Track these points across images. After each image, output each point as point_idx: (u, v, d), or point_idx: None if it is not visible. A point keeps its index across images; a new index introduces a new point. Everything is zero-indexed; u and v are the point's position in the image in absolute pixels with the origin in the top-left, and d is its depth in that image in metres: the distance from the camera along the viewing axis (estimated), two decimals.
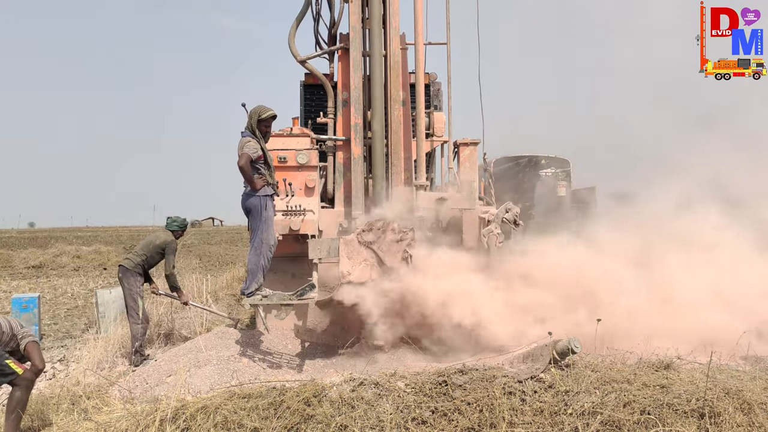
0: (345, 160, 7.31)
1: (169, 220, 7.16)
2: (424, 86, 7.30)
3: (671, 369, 4.38)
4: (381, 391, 3.99)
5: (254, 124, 5.87)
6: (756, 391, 3.91)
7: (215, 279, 12.62)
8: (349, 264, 6.16)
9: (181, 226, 7.14)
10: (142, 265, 6.84)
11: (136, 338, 6.62)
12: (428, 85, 8.35)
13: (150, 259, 6.92)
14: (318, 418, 3.75)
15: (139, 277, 6.83)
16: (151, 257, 6.91)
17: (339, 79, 7.52)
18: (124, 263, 6.86)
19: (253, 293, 5.91)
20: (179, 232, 7.13)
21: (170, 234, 7.03)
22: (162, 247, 6.92)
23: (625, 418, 3.58)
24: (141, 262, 6.82)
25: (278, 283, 6.74)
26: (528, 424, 3.63)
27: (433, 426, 3.67)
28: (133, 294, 6.71)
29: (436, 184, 8.35)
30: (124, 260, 6.95)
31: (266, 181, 5.89)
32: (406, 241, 6.20)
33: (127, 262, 6.83)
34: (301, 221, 6.59)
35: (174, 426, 3.81)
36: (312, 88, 8.33)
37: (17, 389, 4.29)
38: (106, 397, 5.25)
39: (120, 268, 6.91)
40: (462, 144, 7.68)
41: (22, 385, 4.30)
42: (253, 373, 5.77)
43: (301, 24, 7.57)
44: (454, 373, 4.15)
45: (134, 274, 6.78)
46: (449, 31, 7.54)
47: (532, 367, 4.21)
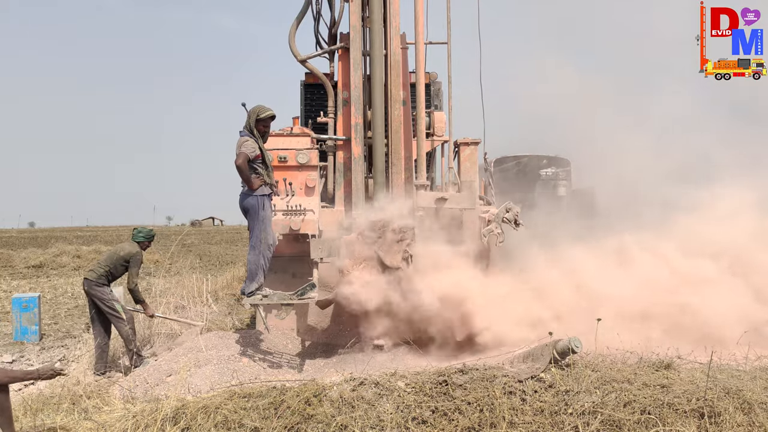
0: (345, 159, 7.31)
1: (135, 231, 7.02)
2: (424, 86, 7.29)
3: (671, 369, 4.39)
4: (381, 391, 3.99)
5: (252, 124, 5.86)
6: (756, 390, 3.91)
7: (215, 279, 12.63)
8: (350, 264, 6.16)
9: (147, 236, 6.96)
10: (106, 276, 6.69)
11: (130, 340, 6.61)
12: (429, 84, 8.34)
13: (114, 271, 6.75)
14: (318, 417, 3.75)
15: (105, 287, 6.68)
16: (114, 269, 6.75)
17: (339, 78, 7.52)
18: (88, 275, 6.71)
19: (253, 293, 5.91)
20: (145, 242, 6.95)
21: (136, 245, 6.85)
22: (126, 258, 6.75)
23: (626, 418, 3.58)
24: (104, 273, 6.67)
25: (278, 282, 6.73)
26: (528, 423, 3.63)
27: (433, 426, 3.68)
28: (107, 302, 6.60)
29: (437, 183, 8.34)
30: (88, 272, 6.79)
31: (264, 181, 5.88)
32: (407, 241, 6.20)
33: (90, 274, 6.69)
34: (301, 221, 6.59)
35: (174, 426, 3.82)
36: (312, 88, 8.32)
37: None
38: (107, 397, 5.26)
39: (85, 281, 6.75)
40: (462, 144, 7.68)
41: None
42: (254, 372, 5.78)
43: (302, 23, 7.57)
44: (455, 372, 4.15)
45: (100, 285, 6.63)
46: (450, 31, 7.54)
47: (532, 367, 4.21)
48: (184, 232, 36.31)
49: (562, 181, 14.76)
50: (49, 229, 62.09)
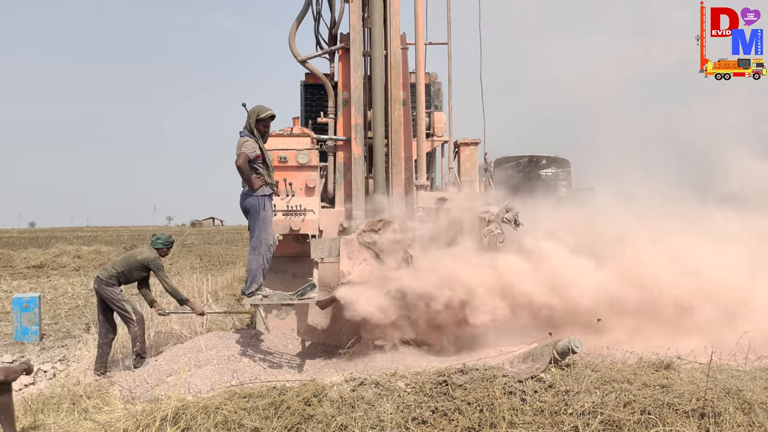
0: (345, 159, 7.31)
1: (154, 237, 6.93)
2: (424, 86, 7.30)
3: (671, 369, 4.38)
4: (381, 391, 3.99)
5: (253, 124, 5.86)
6: (756, 390, 3.91)
7: (215, 279, 12.63)
8: (350, 264, 6.17)
9: (165, 243, 6.87)
10: (117, 277, 6.61)
11: (137, 340, 6.57)
12: (429, 84, 8.36)
13: (128, 274, 6.67)
14: (318, 417, 3.75)
15: (116, 287, 6.60)
16: (129, 272, 6.67)
17: (339, 78, 7.53)
18: (100, 274, 6.66)
19: (253, 293, 5.91)
20: (164, 249, 6.88)
21: (154, 251, 6.77)
22: (144, 263, 6.67)
23: (626, 418, 3.58)
24: (116, 274, 6.59)
25: (279, 282, 6.74)
26: (528, 423, 3.63)
27: (433, 426, 3.68)
28: (117, 302, 6.53)
29: (437, 183, 8.35)
30: (100, 271, 6.76)
31: (264, 181, 5.88)
32: (407, 241, 6.20)
33: (102, 273, 6.64)
34: (301, 221, 6.60)
35: (174, 426, 3.82)
36: (312, 88, 8.34)
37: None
38: (107, 397, 5.26)
39: (96, 279, 6.69)
40: (462, 144, 7.69)
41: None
42: (254, 372, 5.78)
43: (302, 24, 7.58)
44: (455, 372, 4.15)
45: (110, 284, 6.55)
46: (450, 31, 7.54)
47: (532, 367, 4.21)
48: (186, 232, 36.29)
49: (562, 181, 14.76)
50: (49, 230, 62.14)
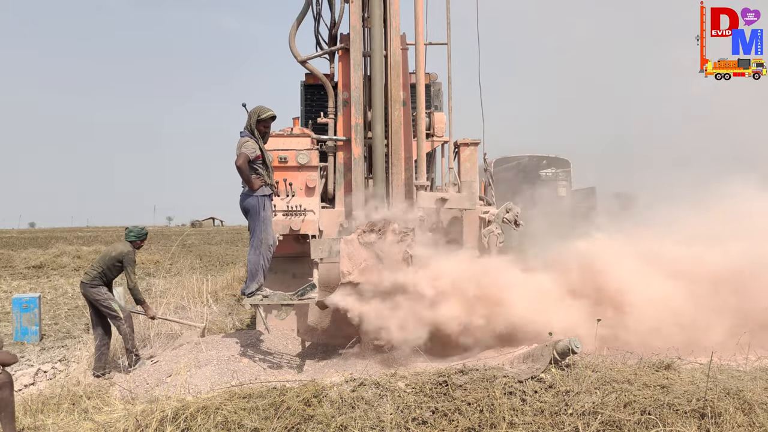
0: (345, 160, 7.31)
1: (127, 230, 6.97)
2: (424, 86, 7.30)
3: (672, 369, 4.39)
4: (381, 391, 3.99)
5: (253, 124, 5.87)
6: (756, 391, 3.91)
7: (215, 279, 12.64)
8: (350, 264, 6.17)
9: (138, 235, 6.89)
10: (100, 277, 6.64)
11: (127, 338, 6.59)
12: (429, 85, 8.34)
13: (107, 272, 6.69)
14: (318, 418, 3.75)
15: (101, 287, 6.64)
16: (108, 269, 6.69)
17: (339, 79, 7.52)
18: (84, 278, 6.71)
19: (253, 293, 5.91)
20: (138, 242, 6.90)
21: (128, 245, 6.79)
22: (118, 258, 6.68)
23: (626, 418, 3.58)
24: (98, 275, 6.63)
25: (279, 283, 6.74)
26: (528, 424, 3.63)
27: (433, 426, 3.68)
28: (103, 302, 6.57)
29: (437, 184, 8.35)
30: (83, 276, 6.79)
31: (264, 181, 5.89)
32: (407, 241, 6.20)
33: (85, 277, 6.69)
34: (301, 221, 6.60)
35: (174, 426, 3.82)
36: (312, 89, 8.33)
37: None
38: (107, 397, 5.26)
39: (81, 284, 6.76)
40: (462, 144, 7.68)
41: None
42: (254, 373, 5.77)
43: (302, 24, 7.58)
44: (455, 373, 4.15)
45: (94, 286, 6.59)
46: (449, 31, 7.54)
47: (532, 367, 4.21)
48: (185, 233, 36.32)
49: (562, 181, 14.78)
50: (49, 230, 62.15)
